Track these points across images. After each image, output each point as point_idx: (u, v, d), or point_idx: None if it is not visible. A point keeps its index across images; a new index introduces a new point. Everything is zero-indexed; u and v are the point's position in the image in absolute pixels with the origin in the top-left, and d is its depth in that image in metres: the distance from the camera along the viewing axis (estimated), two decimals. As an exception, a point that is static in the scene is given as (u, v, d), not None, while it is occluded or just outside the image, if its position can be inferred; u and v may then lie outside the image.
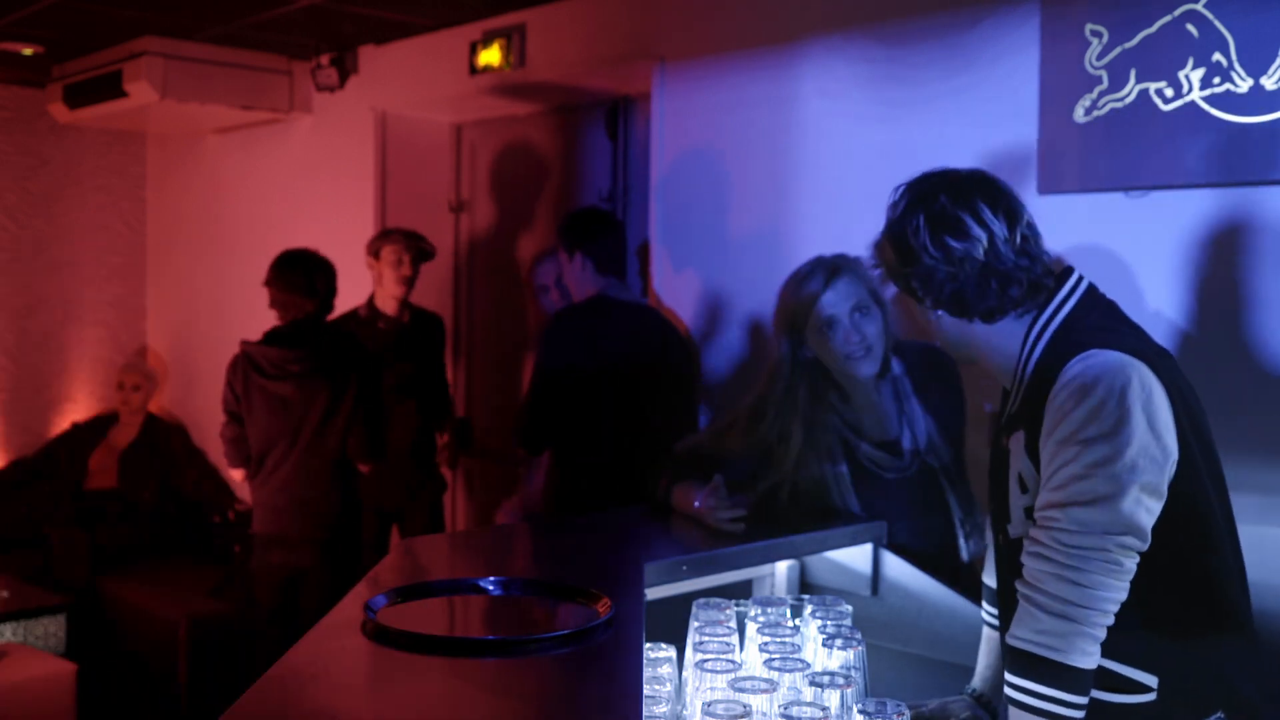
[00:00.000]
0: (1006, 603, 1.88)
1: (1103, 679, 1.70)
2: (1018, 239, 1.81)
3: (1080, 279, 1.86)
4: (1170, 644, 1.73)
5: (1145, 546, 1.67)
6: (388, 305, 4.42)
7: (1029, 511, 1.79)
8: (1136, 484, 1.65)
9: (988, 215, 1.81)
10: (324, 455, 3.90)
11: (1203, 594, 1.76)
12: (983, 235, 1.80)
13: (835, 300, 2.48)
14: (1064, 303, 1.83)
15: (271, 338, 3.95)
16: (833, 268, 2.52)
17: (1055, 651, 1.63)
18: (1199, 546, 1.74)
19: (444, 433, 4.66)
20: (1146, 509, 1.67)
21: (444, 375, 4.65)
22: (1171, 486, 1.69)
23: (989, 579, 2.11)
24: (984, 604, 2.13)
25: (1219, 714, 1.73)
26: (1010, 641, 1.69)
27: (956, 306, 1.85)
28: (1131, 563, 1.66)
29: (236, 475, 4.13)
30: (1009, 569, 1.84)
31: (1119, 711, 1.72)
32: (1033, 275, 1.82)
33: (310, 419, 3.87)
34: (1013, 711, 1.68)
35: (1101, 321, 1.81)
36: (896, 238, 1.87)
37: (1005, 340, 1.86)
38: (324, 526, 3.93)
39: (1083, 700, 1.64)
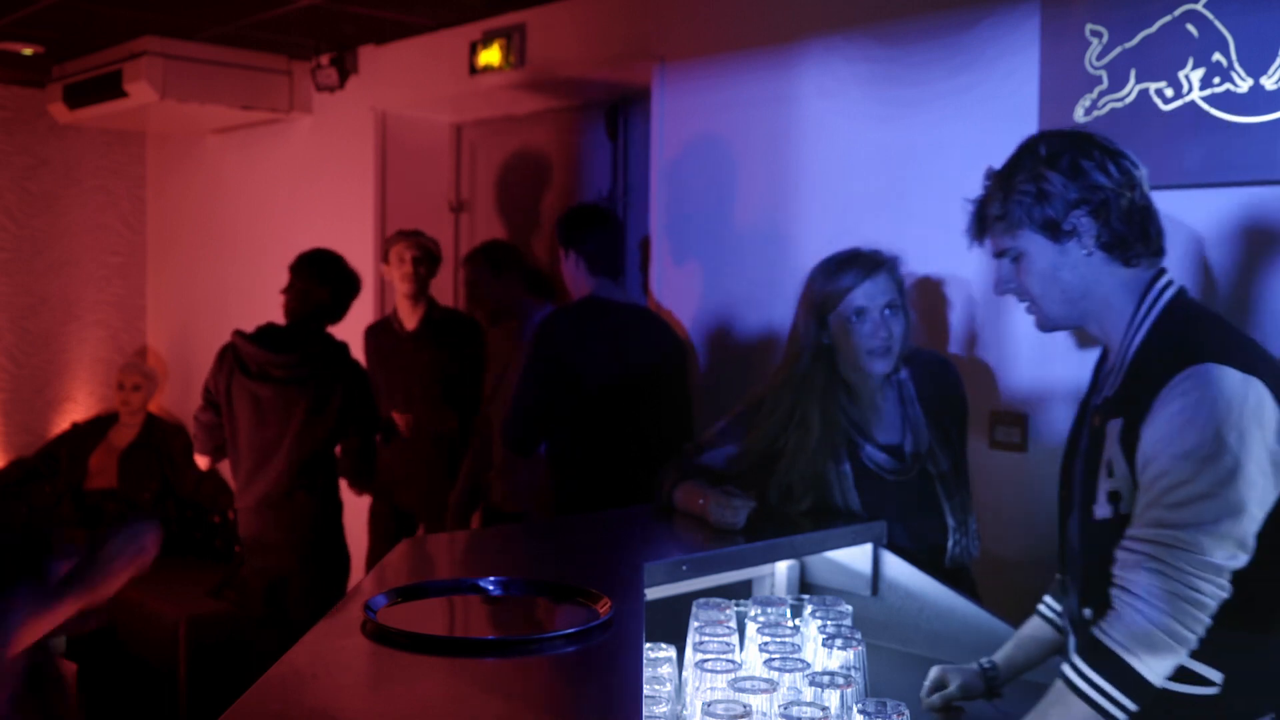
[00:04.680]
0: (1089, 583, 1.87)
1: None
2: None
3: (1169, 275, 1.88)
4: (1243, 643, 1.73)
5: (1247, 560, 1.68)
6: (403, 307, 4.42)
7: (1113, 496, 1.80)
8: (1254, 500, 1.67)
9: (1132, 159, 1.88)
10: (299, 461, 3.85)
11: (1276, 605, 1.76)
12: (1138, 173, 1.86)
13: (870, 292, 2.50)
14: (1166, 289, 1.85)
15: (262, 335, 3.91)
16: (873, 261, 2.53)
17: (1145, 666, 1.66)
18: None
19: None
20: (1256, 523, 1.68)
21: (476, 378, 4.51)
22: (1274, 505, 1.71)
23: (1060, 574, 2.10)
24: (1047, 596, 2.12)
25: (1271, 715, 1.75)
26: (1102, 638, 1.70)
27: (1118, 242, 1.83)
28: (1229, 586, 1.68)
29: (201, 463, 4.07)
30: (1096, 549, 1.84)
31: (1178, 700, 1.73)
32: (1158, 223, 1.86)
33: (288, 427, 3.82)
34: (1065, 691, 1.70)
35: (1209, 325, 1.81)
36: (1070, 160, 1.86)
37: (1124, 300, 1.86)
38: (302, 530, 3.90)
39: (1135, 709, 1.67)
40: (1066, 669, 1.72)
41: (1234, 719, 1.74)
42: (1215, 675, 1.73)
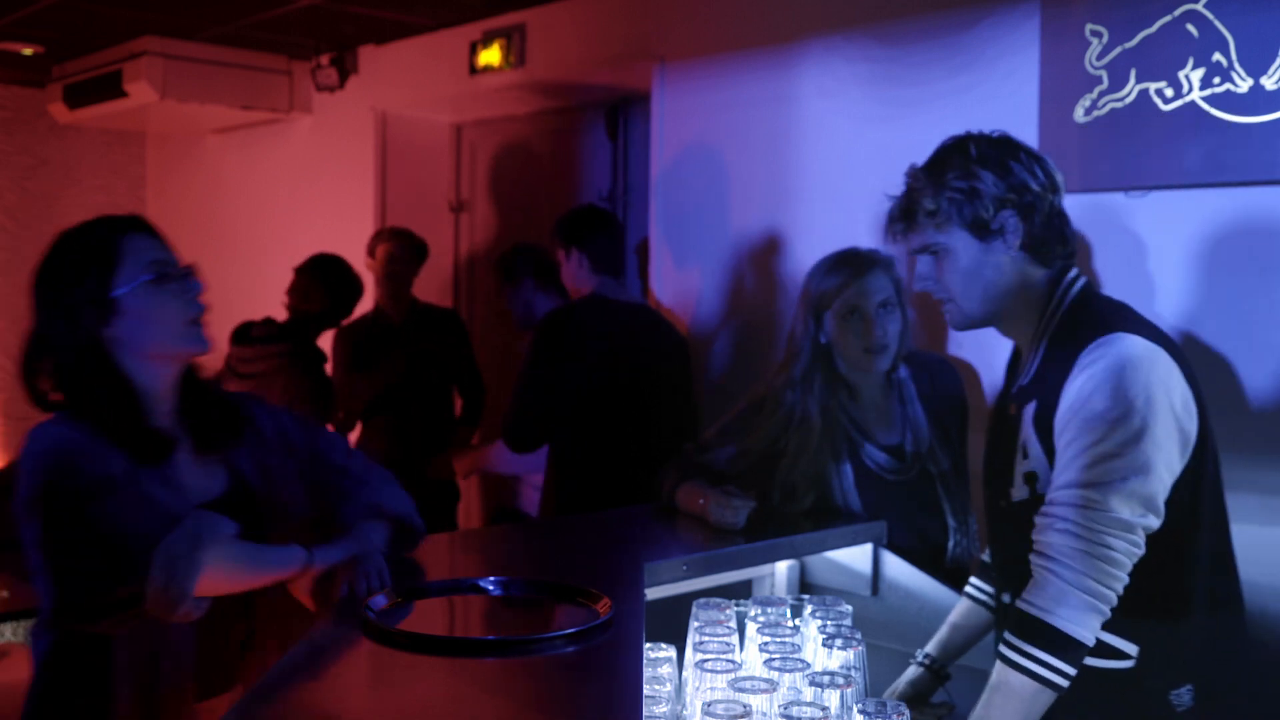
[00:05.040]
0: (1006, 567, 1.92)
1: None
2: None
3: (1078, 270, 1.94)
4: (1155, 617, 1.78)
5: (1159, 524, 1.72)
6: (386, 302, 4.42)
7: (1029, 477, 1.84)
8: (1161, 462, 1.71)
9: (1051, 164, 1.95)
10: None
11: (1194, 574, 1.81)
12: (1058, 178, 1.93)
13: (863, 291, 2.50)
14: (1076, 281, 1.90)
15: (242, 329, 3.95)
16: (868, 260, 2.54)
17: (1071, 624, 1.69)
18: (1194, 527, 1.80)
19: (467, 433, 4.60)
20: (1165, 486, 1.73)
21: (462, 372, 4.52)
22: (1184, 469, 1.76)
23: (985, 555, 2.15)
24: (973, 578, 2.17)
25: (1188, 686, 1.79)
26: (1025, 608, 1.72)
27: (1038, 244, 1.88)
28: (1144, 544, 1.72)
29: None
30: (1013, 531, 1.87)
31: (1096, 675, 1.76)
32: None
33: None
34: (1004, 670, 1.72)
35: (1116, 307, 1.89)
36: (1000, 161, 1.90)
37: (1038, 299, 1.90)
38: None
39: (1074, 672, 1.70)
40: (1002, 648, 1.74)
41: (1151, 691, 1.78)
42: (1130, 648, 1.78)
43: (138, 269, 1.88)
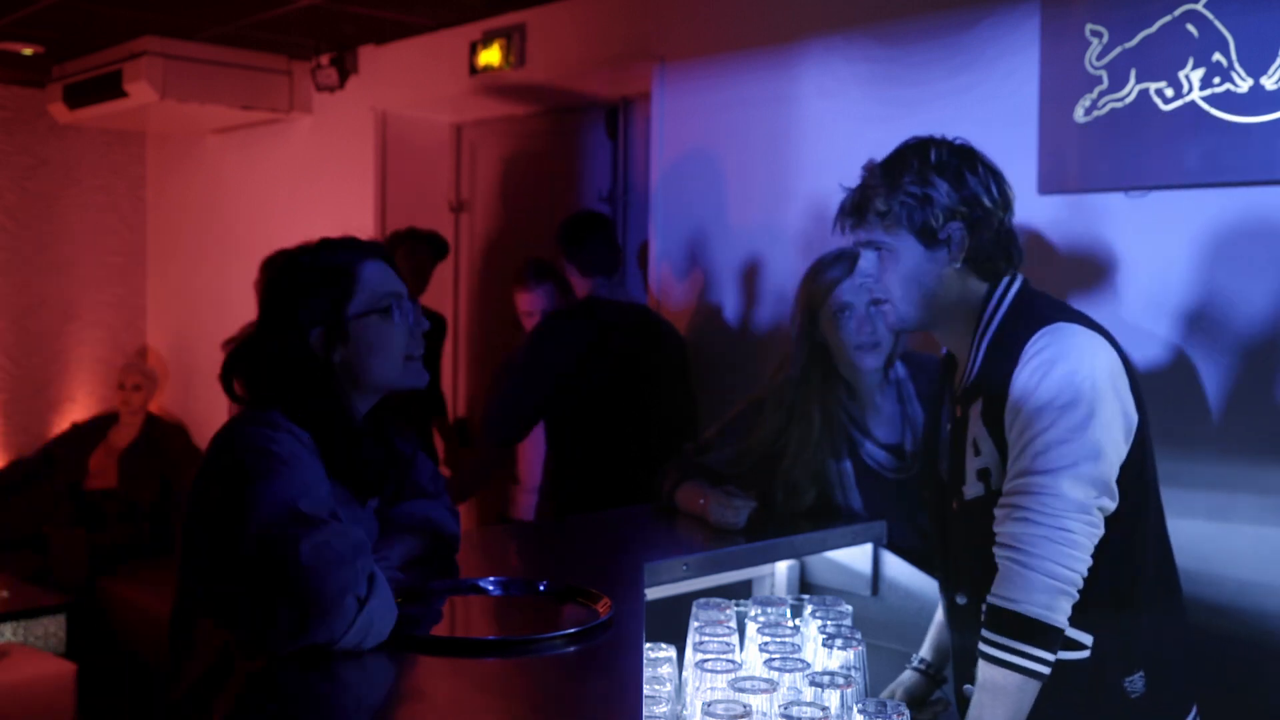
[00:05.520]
0: (959, 568, 1.95)
1: None
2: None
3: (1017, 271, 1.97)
4: (1108, 606, 1.80)
5: (1115, 506, 1.75)
6: None
7: (982, 474, 1.86)
8: (1110, 445, 1.75)
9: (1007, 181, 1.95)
10: None
11: (1143, 562, 1.84)
12: (1011, 196, 1.93)
13: (855, 289, 2.50)
14: (1013, 283, 1.92)
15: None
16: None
17: (1045, 611, 1.71)
18: (1141, 515, 1.83)
19: (442, 436, 4.65)
20: (1114, 468, 1.76)
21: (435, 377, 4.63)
22: (1129, 456, 1.79)
23: None
24: None
25: (1140, 672, 1.82)
26: (996, 602, 1.74)
27: (983, 259, 1.89)
28: (1102, 524, 1.74)
29: None
30: (964, 531, 1.90)
31: (1054, 667, 1.77)
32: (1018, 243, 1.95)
33: None
34: (989, 669, 1.73)
35: (1053, 301, 1.92)
36: (957, 171, 1.90)
37: (975, 310, 1.92)
38: None
39: (1053, 658, 1.72)
40: (982, 646, 1.75)
41: (1107, 680, 1.81)
42: (1085, 639, 1.80)
43: (372, 298, 1.83)
